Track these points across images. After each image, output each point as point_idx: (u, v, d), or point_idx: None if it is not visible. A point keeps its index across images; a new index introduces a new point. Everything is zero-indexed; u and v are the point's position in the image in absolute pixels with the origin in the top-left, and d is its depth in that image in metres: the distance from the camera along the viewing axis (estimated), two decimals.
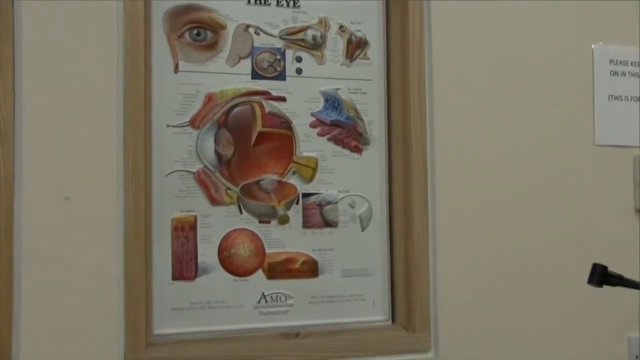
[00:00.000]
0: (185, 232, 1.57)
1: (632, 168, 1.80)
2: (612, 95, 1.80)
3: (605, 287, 1.33)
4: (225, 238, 1.59)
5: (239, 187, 1.60)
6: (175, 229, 1.56)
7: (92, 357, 1.44)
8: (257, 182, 1.61)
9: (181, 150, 1.57)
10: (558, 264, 1.73)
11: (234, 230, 1.60)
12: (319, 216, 1.64)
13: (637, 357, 1.77)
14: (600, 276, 1.33)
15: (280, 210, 1.62)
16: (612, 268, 1.33)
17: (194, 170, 1.57)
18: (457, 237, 1.67)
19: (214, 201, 1.58)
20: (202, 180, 1.58)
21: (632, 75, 1.82)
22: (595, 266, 1.34)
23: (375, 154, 1.69)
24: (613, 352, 1.76)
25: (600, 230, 1.77)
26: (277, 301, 1.61)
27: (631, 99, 1.82)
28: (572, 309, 1.73)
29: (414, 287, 1.64)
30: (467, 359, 1.65)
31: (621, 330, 1.77)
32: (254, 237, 1.61)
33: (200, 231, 1.58)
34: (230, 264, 1.59)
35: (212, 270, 1.58)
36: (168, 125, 1.57)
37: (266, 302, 1.60)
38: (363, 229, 1.67)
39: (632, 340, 1.77)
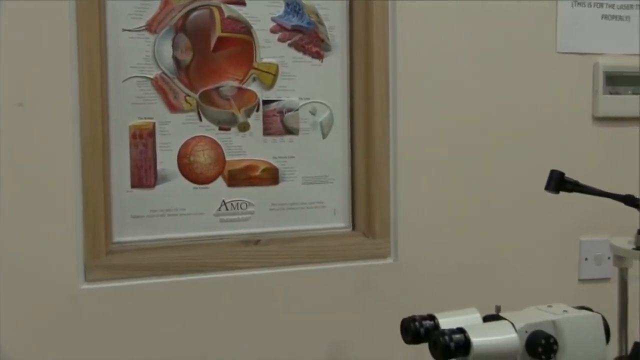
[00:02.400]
0: (143, 139, 1.55)
1: (591, 75, 1.81)
2: (575, 1, 1.79)
3: (562, 193, 1.35)
4: (185, 145, 1.57)
5: (198, 93, 1.57)
6: (133, 136, 1.54)
7: (52, 266, 1.44)
8: (217, 89, 1.58)
9: (138, 56, 1.53)
10: (516, 170, 1.75)
11: (194, 138, 1.58)
12: (279, 123, 1.63)
13: (586, 259, 1.82)
14: (557, 182, 1.35)
15: (241, 118, 1.60)
16: (568, 174, 1.35)
17: (151, 76, 1.54)
18: (417, 144, 1.67)
19: (172, 108, 1.56)
20: (161, 86, 1.54)
21: None
22: (553, 172, 1.36)
23: (336, 61, 1.66)
24: (566, 254, 1.82)
25: (559, 137, 1.79)
26: (237, 208, 1.61)
27: (594, 5, 1.80)
28: (530, 214, 1.77)
29: (374, 194, 1.66)
30: (426, 264, 1.69)
31: (575, 234, 1.82)
32: (214, 145, 1.59)
33: (159, 138, 1.55)
34: (190, 171, 1.58)
35: (172, 178, 1.57)
36: (124, 30, 1.52)
37: (227, 209, 1.60)
38: (324, 136, 1.66)
39: (584, 243, 1.83)
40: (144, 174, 1.55)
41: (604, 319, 1.26)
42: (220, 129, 1.59)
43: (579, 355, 1.21)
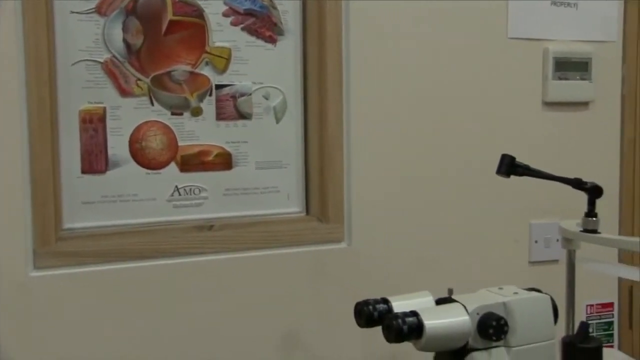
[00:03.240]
0: (94, 124, 1.52)
1: (541, 61, 1.83)
2: None
3: (513, 177, 1.37)
4: (137, 130, 1.55)
5: (150, 77, 1.55)
6: (83, 121, 1.51)
7: (1, 253, 1.41)
8: (169, 73, 1.56)
9: (87, 39, 1.50)
10: (468, 154, 1.77)
11: (146, 123, 1.55)
12: (232, 108, 1.61)
13: (536, 241, 1.85)
14: (508, 166, 1.37)
15: (193, 102, 1.58)
16: (519, 159, 1.37)
17: (101, 60, 1.51)
18: (371, 129, 1.68)
19: (123, 92, 1.53)
20: (111, 70, 1.52)
21: None
22: (504, 157, 1.38)
23: (289, 45, 1.65)
24: (517, 237, 1.84)
25: (510, 122, 1.81)
26: (190, 194, 1.60)
27: None
28: (481, 198, 1.79)
29: (328, 179, 1.66)
30: (380, 249, 1.70)
31: (525, 217, 1.85)
32: (167, 130, 1.57)
33: (109, 123, 1.53)
34: (142, 156, 1.56)
35: (124, 164, 1.54)
36: (72, 12, 1.48)
37: (179, 195, 1.59)
38: (277, 121, 1.66)
39: (534, 226, 1.86)
40: (95, 160, 1.53)
41: (552, 299, 1.29)
42: (172, 113, 1.57)
43: (529, 335, 1.24)
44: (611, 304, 1.96)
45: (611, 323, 1.97)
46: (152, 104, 1.55)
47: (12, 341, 1.44)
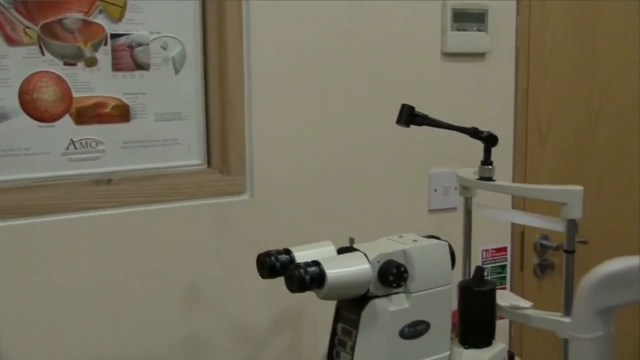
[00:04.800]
0: None
1: (440, 12, 1.85)
2: None
3: (412, 127, 1.39)
4: (27, 81, 1.48)
5: (39, 26, 1.47)
6: None
7: None
8: (60, 21, 1.49)
9: None
10: (369, 105, 1.78)
11: (36, 73, 1.48)
12: (129, 58, 1.56)
13: (435, 190, 1.90)
14: (408, 116, 1.39)
15: (87, 52, 1.52)
16: (419, 109, 1.39)
17: None
18: (272, 79, 1.66)
19: (10, 41, 1.45)
20: None
21: None
22: (404, 107, 1.39)
23: None
24: (416, 186, 1.88)
25: (410, 73, 1.83)
26: (87, 147, 1.55)
27: None
28: (382, 148, 1.81)
29: (229, 131, 1.64)
30: (282, 200, 1.70)
31: (424, 166, 1.89)
32: (59, 80, 1.51)
33: None
34: (33, 109, 1.49)
35: (14, 116, 1.47)
36: None
37: (75, 148, 1.54)
38: (176, 72, 1.61)
39: (433, 175, 1.90)
40: None
41: (450, 246, 1.33)
42: (65, 64, 1.51)
43: (427, 281, 1.28)
44: (505, 249, 2.04)
45: (504, 266, 2.05)
46: (43, 53, 1.48)
47: None
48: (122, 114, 1.57)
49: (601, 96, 2.17)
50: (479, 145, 1.39)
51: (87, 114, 1.54)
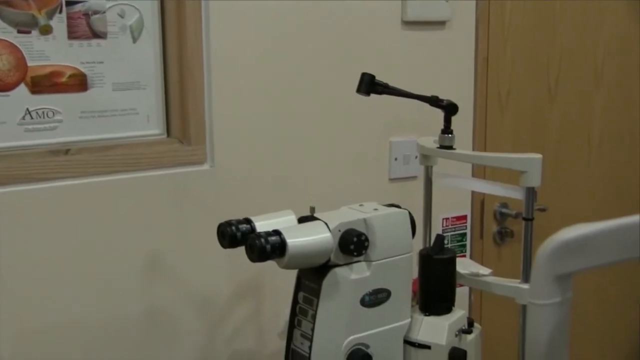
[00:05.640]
0: None
1: None
2: None
3: (373, 96, 1.39)
4: None
5: None
6: None
7: None
8: None
9: None
10: (330, 73, 1.78)
11: None
12: (86, 26, 1.53)
13: (396, 159, 1.91)
14: (368, 85, 1.38)
15: (42, 20, 1.49)
16: (379, 77, 1.39)
17: None
18: (232, 47, 1.65)
19: None
20: None
21: None
22: (364, 75, 1.39)
23: None
24: (376, 155, 1.89)
25: (370, 42, 1.83)
26: (43, 117, 1.52)
27: None
28: (342, 117, 1.81)
29: (189, 100, 1.62)
30: (243, 170, 1.69)
31: (385, 135, 1.89)
32: (13, 49, 1.47)
33: None
34: None
35: None
36: None
37: (31, 118, 1.51)
38: (134, 41, 1.59)
39: (394, 144, 1.90)
40: None
41: (410, 214, 1.34)
42: (19, 31, 1.47)
43: (388, 249, 1.29)
44: (465, 217, 2.07)
45: (464, 234, 2.07)
46: None
47: None
48: (79, 83, 1.55)
49: (560, 65, 2.19)
50: (439, 114, 1.40)
51: (43, 83, 1.51)
